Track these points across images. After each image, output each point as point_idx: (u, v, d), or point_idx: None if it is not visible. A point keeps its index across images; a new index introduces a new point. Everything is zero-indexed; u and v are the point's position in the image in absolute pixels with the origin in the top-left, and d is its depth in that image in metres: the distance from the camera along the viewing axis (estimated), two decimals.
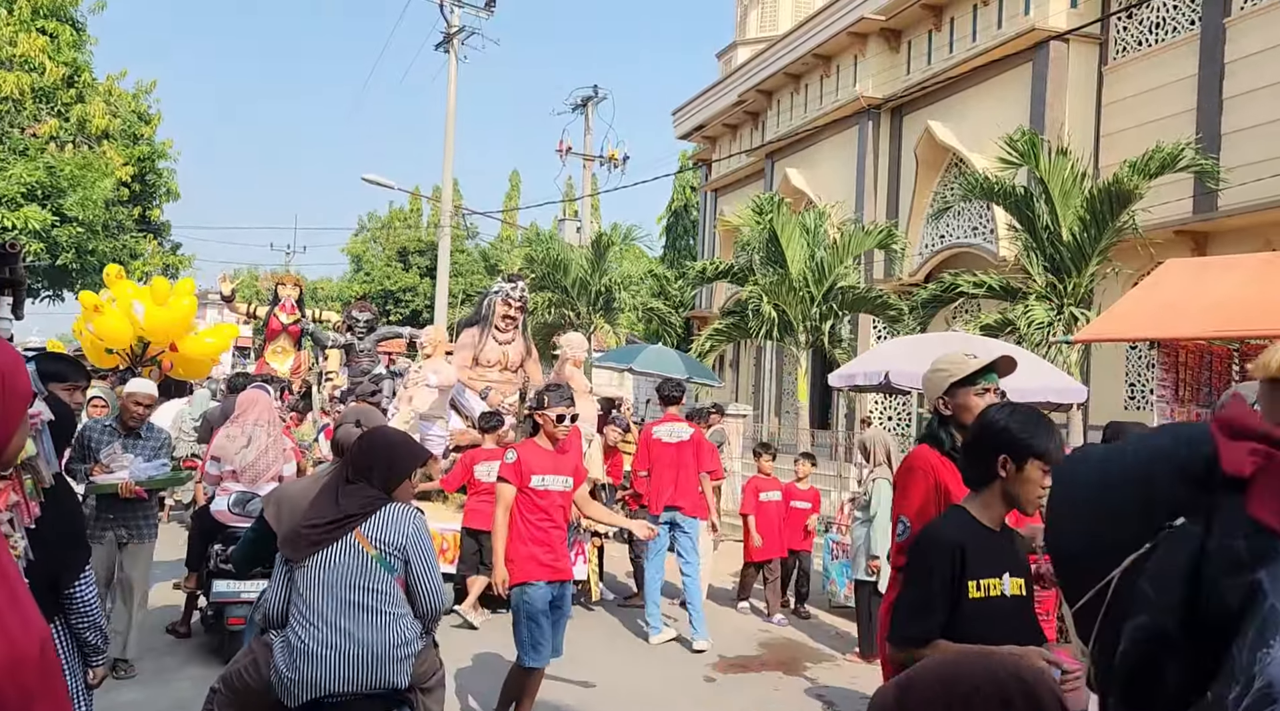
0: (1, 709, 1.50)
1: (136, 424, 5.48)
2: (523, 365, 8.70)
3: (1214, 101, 12.27)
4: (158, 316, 7.45)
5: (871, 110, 17.82)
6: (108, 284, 7.64)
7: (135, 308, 7.26)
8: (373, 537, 2.91)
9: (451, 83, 23.64)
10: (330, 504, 2.97)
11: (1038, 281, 10.97)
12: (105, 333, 7.22)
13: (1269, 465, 0.84)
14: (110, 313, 7.15)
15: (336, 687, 2.77)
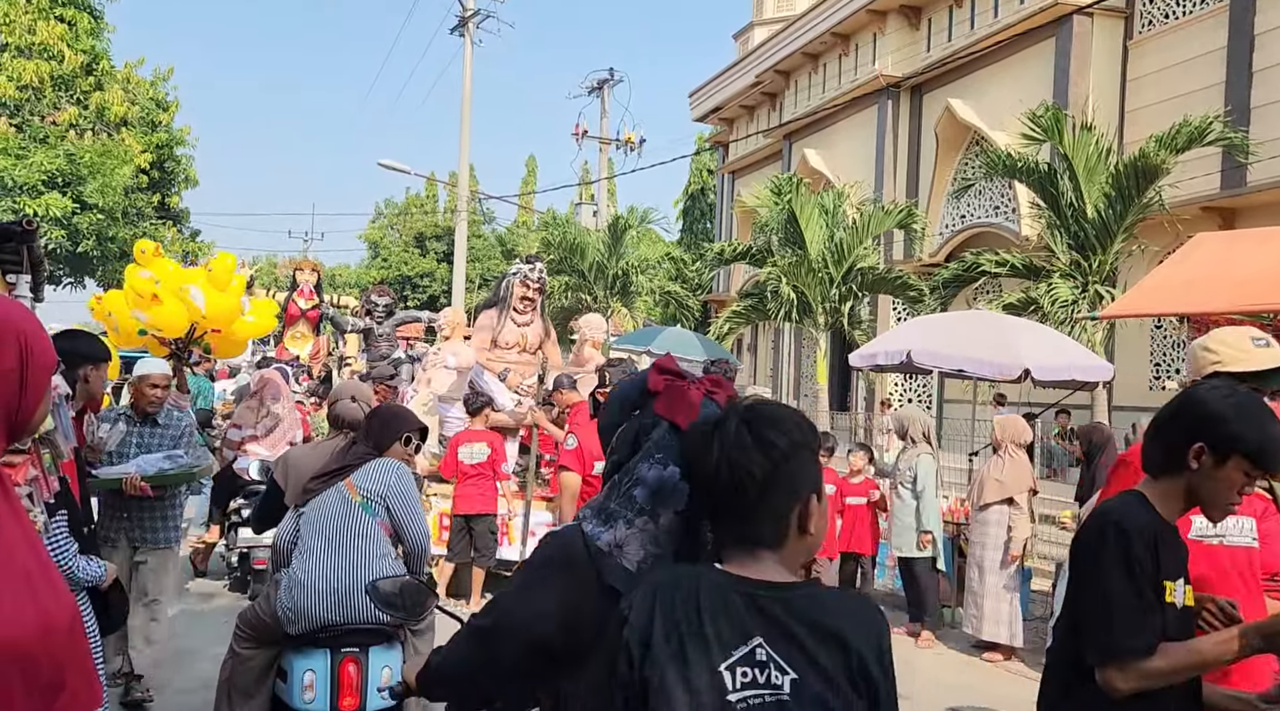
0: (35, 676, 1.51)
1: (155, 409, 4.70)
2: (541, 347, 8.66)
3: (1243, 74, 12.03)
4: (219, 303, 6.33)
5: (891, 89, 17.61)
6: (143, 262, 6.42)
7: (193, 294, 6.14)
8: (359, 485, 3.29)
9: (467, 67, 23.57)
10: (337, 459, 3.47)
11: (1061, 259, 10.82)
12: (163, 322, 6.07)
13: (668, 386, 1.72)
14: (168, 299, 6.04)
15: (327, 618, 3.09)
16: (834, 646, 1.34)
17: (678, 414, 1.66)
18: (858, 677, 1.34)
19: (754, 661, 1.32)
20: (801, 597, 1.38)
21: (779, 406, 1.52)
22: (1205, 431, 1.89)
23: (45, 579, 1.60)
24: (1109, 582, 1.88)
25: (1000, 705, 5.56)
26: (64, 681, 1.57)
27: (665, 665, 1.32)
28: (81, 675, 1.63)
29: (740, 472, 1.39)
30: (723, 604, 1.35)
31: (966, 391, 13.41)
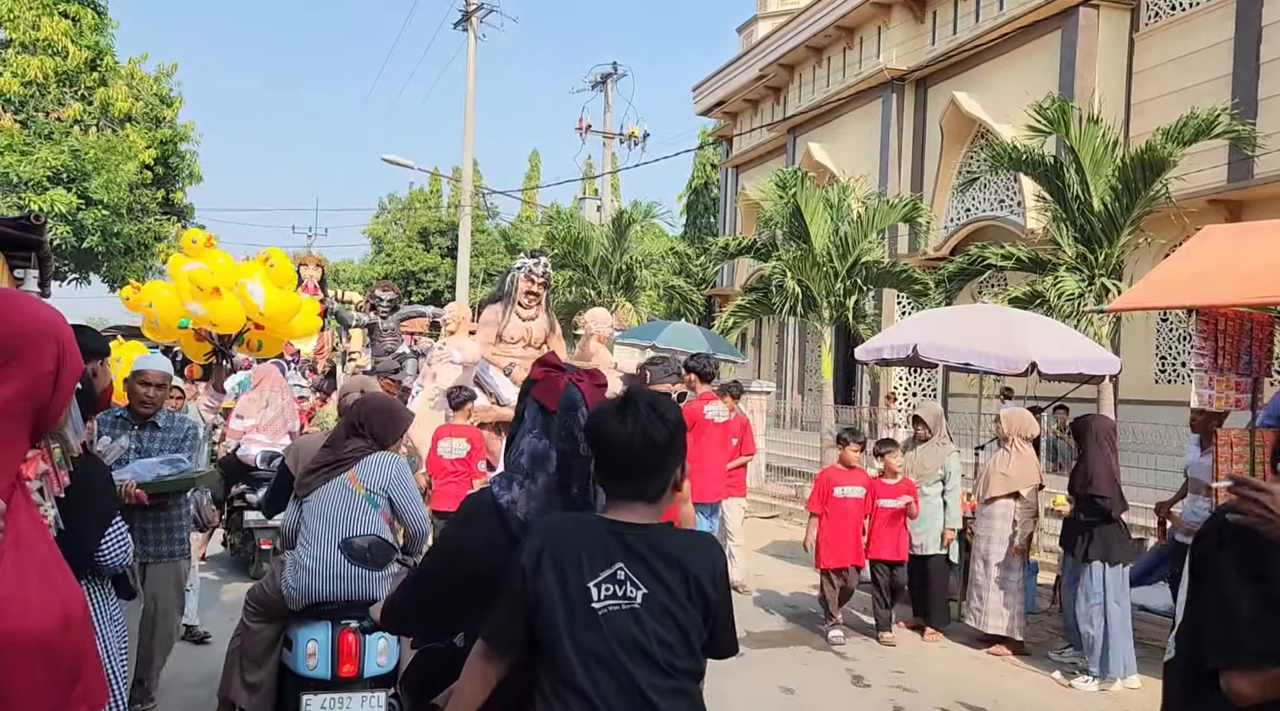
0: (57, 667, 1.53)
1: (149, 410, 4.25)
2: (546, 341, 8.65)
3: (1250, 66, 11.97)
4: (278, 301, 5.76)
5: (895, 82, 17.56)
6: (193, 253, 5.85)
7: (251, 290, 5.60)
8: (362, 479, 3.63)
9: (470, 61, 23.55)
10: (332, 452, 3.74)
11: (1068, 252, 10.78)
12: (219, 317, 5.56)
13: (544, 375, 2.08)
14: (229, 296, 5.54)
15: (327, 596, 3.54)
16: (676, 570, 1.85)
17: (547, 398, 2.14)
18: (694, 593, 1.86)
19: (615, 580, 1.84)
20: (657, 534, 1.90)
21: (664, 395, 2.09)
22: None
23: (60, 572, 1.62)
24: (1229, 584, 1.79)
25: (1005, 699, 5.56)
26: (80, 672, 1.59)
27: (549, 583, 1.83)
28: (94, 667, 1.65)
29: (650, 440, 1.88)
30: (596, 539, 1.87)
31: (972, 385, 13.38)
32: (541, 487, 2.11)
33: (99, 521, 3.07)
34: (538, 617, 1.84)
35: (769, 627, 7.00)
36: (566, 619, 1.82)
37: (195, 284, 5.49)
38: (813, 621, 7.15)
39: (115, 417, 4.27)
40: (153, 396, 4.24)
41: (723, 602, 1.93)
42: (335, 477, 3.60)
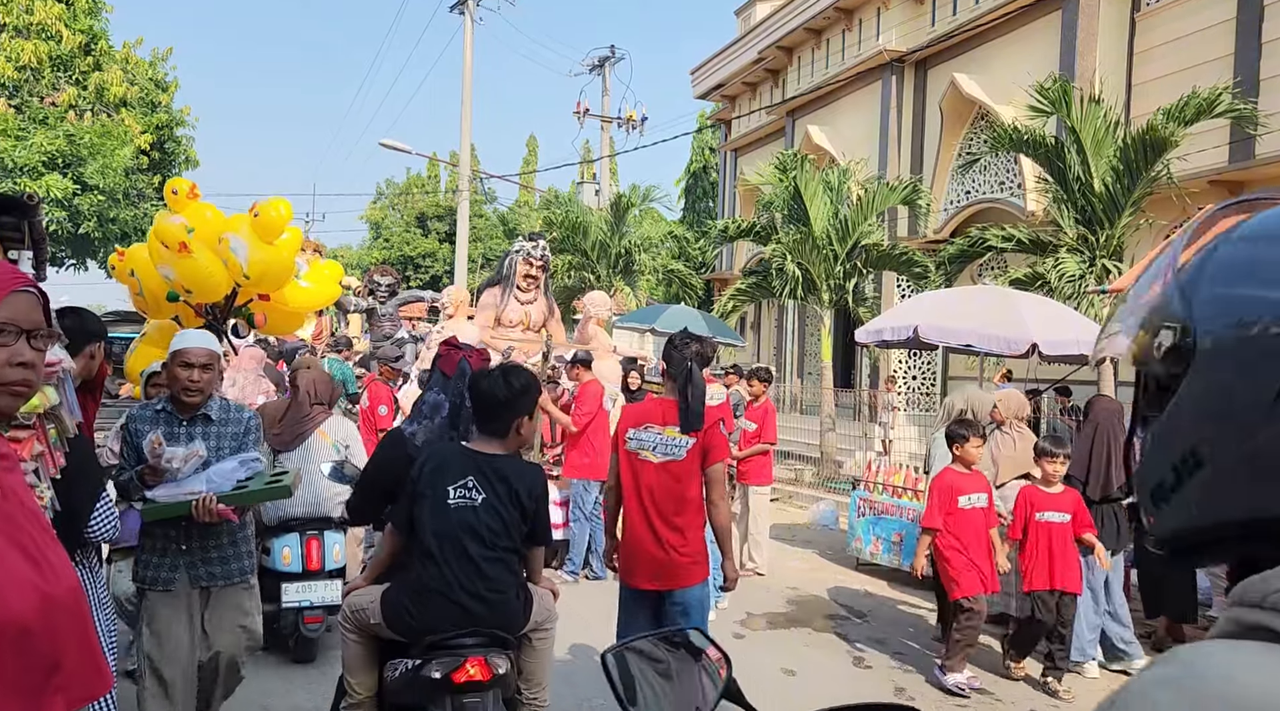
0: (30, 652, 1.49)
1: (197, 400, 3.47)
2: (545, 325, 8.63)
3: (1252, 45, 11.88)
4: (266, 259, 4.88)
5: (895, 64, 17.44)
6: (176, 206, 4.99)
7: (234, 245, 4.71)
8: (330, 433, 5.14)
9: (467, 45, 23.39)
10: (302, 415, 5.12)
11: (1068, 234, 10.74)
12: (194, 279, 4.63)
13: (446, 352, 3.31)
14: (202, 252, 4.62)
15: (298, 513, 5.05)
16: (504, 485, 2.89)
17: (447, 367, 3.33)
18: (515, 501, 2.90)
19: (465, 487, 2.88)
20: (499, 461, 2.94)
21: (522, 368, 3.13)
22: None
23: (45, 554, 1.57)
24: None
25: (1005, 684, 5.58)
26: (61, 659, 1.53)
27: (425, 486, 2.89)
28: (84, 654, 1.59)
29: (496, 397, 2.95)
30: (459, 460, 2.92)
31: (971, 369, 13.35)
32: (436, 426, 3.28)
33: (91, 497, 3.08)
34: (415, 508, 2.91)
35: (771, 609, 7.01)
36: (430, 510, 2.88)
37: (161, 239, 4.74)
38: (815, 605, 7.16)
39: (155, 412, 3.49)
40: (198, 381, 3.43)
41: (538, 510, 3.00)
42: (311, 433, 5.08)
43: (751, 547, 8.19)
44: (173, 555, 3.46)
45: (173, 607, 3.46)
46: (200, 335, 3.55)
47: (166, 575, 3.46)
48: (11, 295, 1.53)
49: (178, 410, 3.50)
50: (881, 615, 6.97)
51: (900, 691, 5.34)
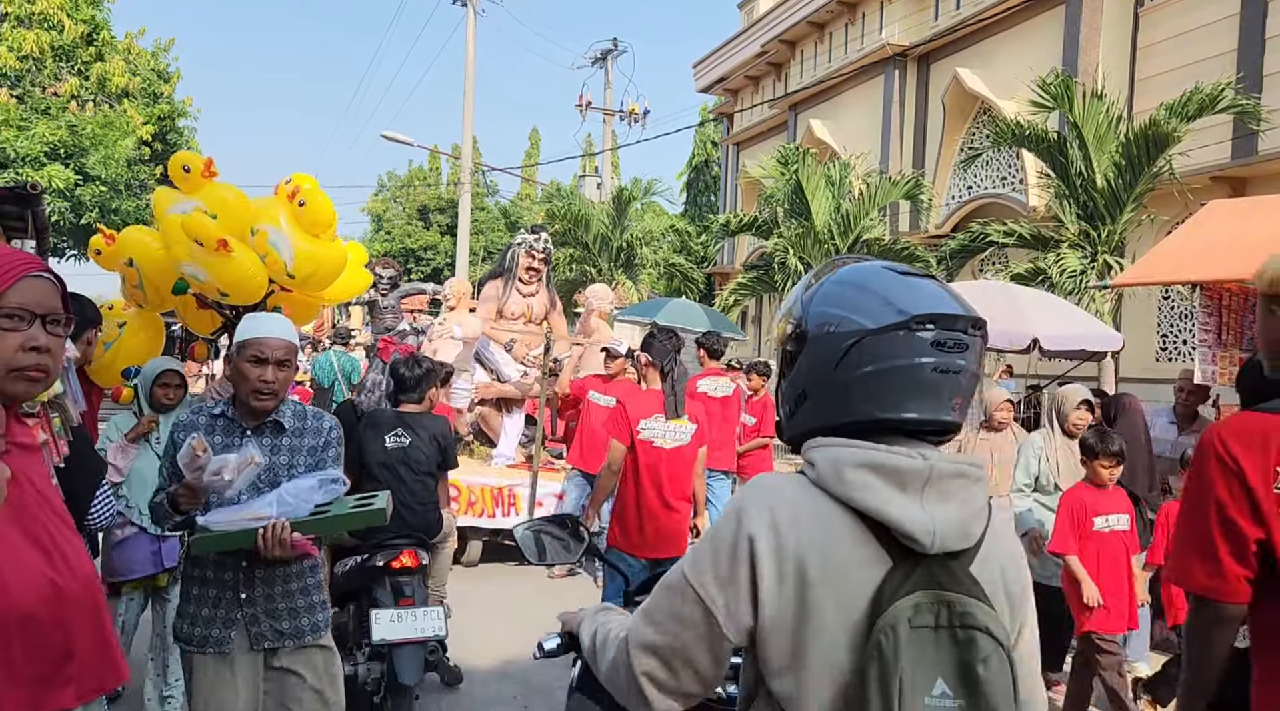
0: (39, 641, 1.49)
1: (270, 405, 2.65)
2: (547, 317, 8.63)
3: (1256, 41, 11.86)
4: (315, 257, 4.08)
5: (897, 58, 17.42)
6: (187, 187, 4.09)
7: (273, 239, 3.89)
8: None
9: (469, 37, 23.36)
10: None
11: (1070, 229, 10.74)
12: (233, 281, 3.89)
13: (385, 344, 5.80)
14: (242, 251, 3.88)
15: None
16: (425, 431, 4.38)
17: (384, 355, 5.25)
18: (432, 442, 4.38)
19: (398, 435, 4.32)
20: (419, 417, 4.46)
21: (423, 356, 4.74)
22: None
23: (58, 544, 1.56)
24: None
25: None
26: (73, 649, 1.53)
27: (368, 436, 4.31)
28: (97, 645, 1.58)
29: (415, 373, 4.48)
30: (391, 419, 4.40)
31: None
32: (377, 397, 5.04)
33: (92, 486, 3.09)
34: (362, 454, 4.22)
35: None
36: (375, 451, 4.27)
37: (192, 236, 3.70)
38: None
39: (212, 417, 2.69)
40: (273, 381, 2.60)
41: (445, 446, 4.45)
42: None
43: None
44: (227, 606, 2.59)
45: (226, 675, 2.58)
46: (277, 322, 2.71)
47: (219, 633, 2.58)
48: (24, 280, 1.52)
49: (242, 416, 2.68)
50: None
51: None
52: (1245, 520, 1.80)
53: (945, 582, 1.23)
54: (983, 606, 1.22)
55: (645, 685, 1.35)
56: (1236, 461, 1.82)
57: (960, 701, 1.19)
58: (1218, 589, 1.83)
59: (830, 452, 1.28)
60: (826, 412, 1.32)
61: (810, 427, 1.34)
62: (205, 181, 4.08)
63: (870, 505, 1.23)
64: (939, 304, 1.31)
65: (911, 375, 1.28)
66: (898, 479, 1.25)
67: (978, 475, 1.31)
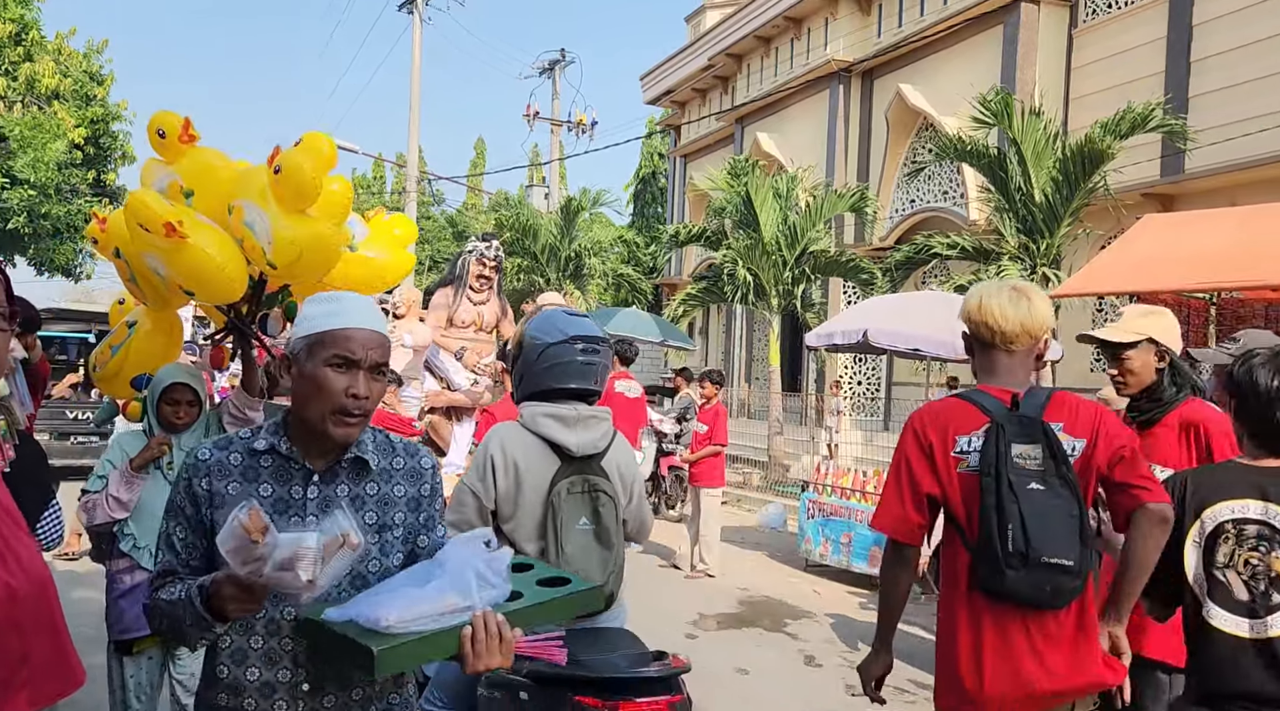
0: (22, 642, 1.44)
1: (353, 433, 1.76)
2: (498, 326, 8.56)
3: (1182, 64, 12.34)
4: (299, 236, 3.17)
5: (842, 74, 17.73)
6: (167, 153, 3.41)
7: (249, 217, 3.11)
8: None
9: (416, 45, 23.19)
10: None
11: (1010, 242, 11.03)
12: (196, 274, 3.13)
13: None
14: (202, 234, 3.08)
15: None
16: None
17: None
18: None
19: None
20: None
21: None
22: None
23: (10, 545, 1.52)
24: None
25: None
26: (28, 652, 1.48)
27: None
28: (53, 650, 1.53)
29: None
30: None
31: (917, 374, 13.61)
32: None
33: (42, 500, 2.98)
34: None
35: (723, 610, 7.06)
36: None
37: (136, 220, 3.00)
38: (765, 605, 7.23)
39: (253, 454, 1.79)
40: (365, 398, 1.74)
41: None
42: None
43: (703, 549, 8.23)
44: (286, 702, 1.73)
45: None
46: (364, 307, 1.82)
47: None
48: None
49: (305, 453, 1.78)
50: (831, 615, 7.06)
51: (850, 689, 5.42)
52: (926, 479, 2.35)
53: (585, 470, 2.70)
54: (605, 481, 2.71)
55: None
56: (926, 434, 2.37)
57: (593, 526, 2.67)
58: (900, 531, 2.38)
59: (530, 408, 2.72)
60: (531, 387, 2.75)
61: (523, 395, 2.78)
62: (184, 147, 3.35)
63: (547, 434, 2.67)
64: (585, 329, 2.71)
65: (570, 366, 2.70)
66: (562, 420, 2.69)
67: (604, 417, 2.77)
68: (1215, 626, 2.23)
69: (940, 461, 2.35)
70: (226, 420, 3.49)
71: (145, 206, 3.00)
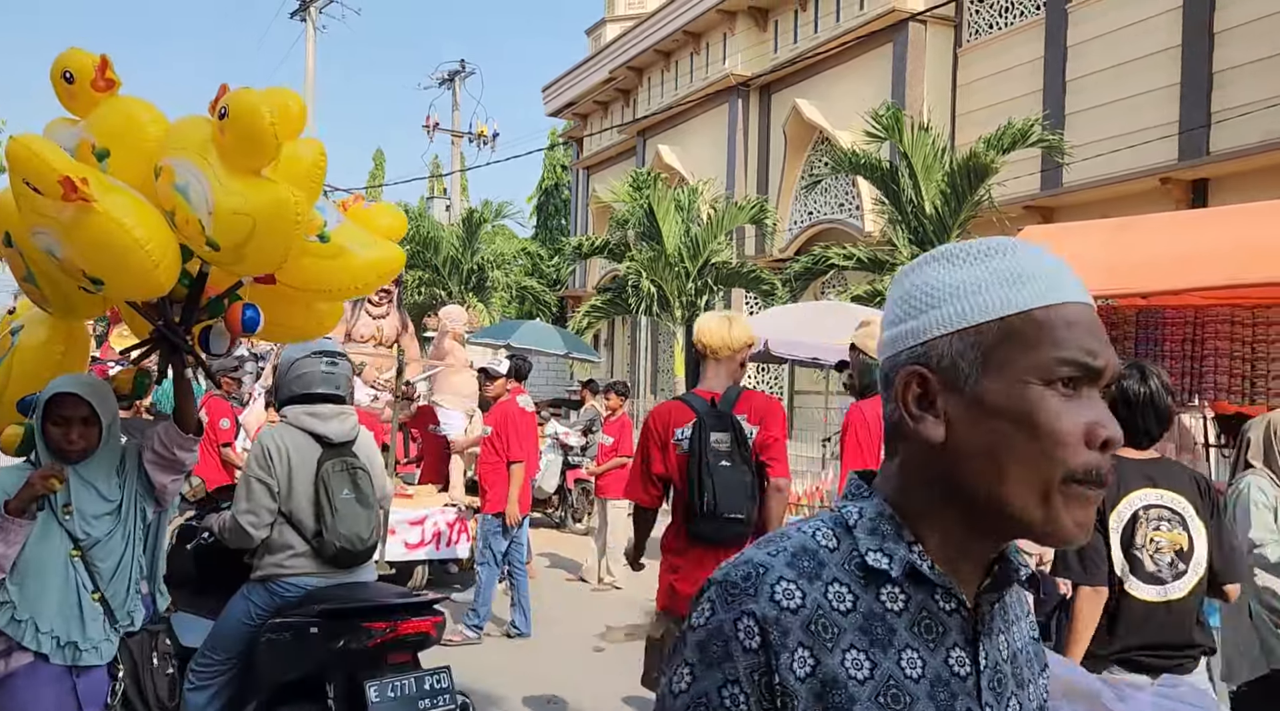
0: None
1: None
2: (398, 340, 8.40)
3: (1058, 83, 13.01)
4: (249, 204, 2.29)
5: (741, 88, 18.07)
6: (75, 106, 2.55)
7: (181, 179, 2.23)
8: None
9: (309, 54, 22.61)
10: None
11: (903, 253, 11.39)
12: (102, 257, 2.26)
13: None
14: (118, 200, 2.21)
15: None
16: None
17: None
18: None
19: None
20: None
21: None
22: None
23: None
24: None
25: None
26: None
27: None
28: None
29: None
30: None
31: (818, 383, 13.91)
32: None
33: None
34: None
35: (630, 621, 7.04)
36: None
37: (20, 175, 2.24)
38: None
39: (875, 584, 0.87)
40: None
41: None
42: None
43: (609, 561, 8.21)
44: None
45: None
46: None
47: None
48: None
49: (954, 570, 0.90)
50: None
51: None
52: (657, 463, 3.35)
53: (343, 454, 3.54)
54: (358, 460, 3.58)
55: (246, 526, 3.40)
56: (656, 429, 3.36)
57: (355, 494, 3.49)
58: (642, 498, 3.47)
59: (293, 410, 3.56)
60: (286, 394, 3.60)
61: (281, 402, 3.63)
62: (99, 96, 2.49)
63: (310, 428, 3.51)
64: (326, 346, 3.55)
65: (319, 375, 3.52)
66: (320, 416, 3.53)
67: (350, 412, 3.66)
68: (1134, 594, 2.65)
69: (667, 448, 3.32)
70: (148, 460, 2.81)
71: (33, 156, 2.20)
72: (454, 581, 7.87)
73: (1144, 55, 12.04)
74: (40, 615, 2.55)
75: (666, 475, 3.33)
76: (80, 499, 2.69)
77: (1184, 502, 2.72)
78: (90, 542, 2.68)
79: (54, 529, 2.63)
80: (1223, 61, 11.34)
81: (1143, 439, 2.76)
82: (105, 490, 2.74)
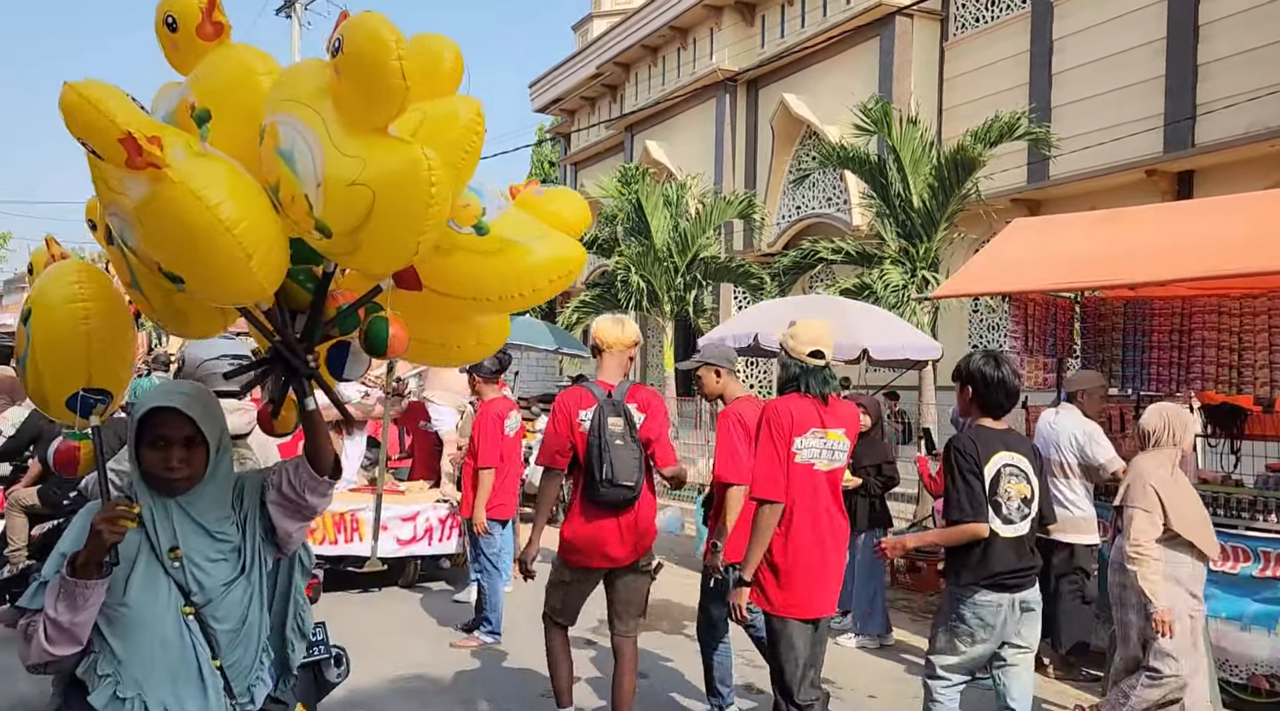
0: None
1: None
2: None
3: (1044, 77, 13.07)
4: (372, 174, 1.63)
5: (728, 83, 18.07)
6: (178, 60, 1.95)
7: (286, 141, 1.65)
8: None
9: (295, 52, 22.47)
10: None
11: (891, 247, 11.42)
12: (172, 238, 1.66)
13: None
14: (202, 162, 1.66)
15: None
16: None
17: None
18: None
19: None
20: None
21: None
22: None
23: None
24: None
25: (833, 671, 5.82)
26: None
27: None
28: None
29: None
30: None
31: None
32: None
33: None
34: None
35: None
36: None
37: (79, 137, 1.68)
38: (664, 608, 7.25)
39: None
40: None
41: None
42: None
43: None
44: None
45: None
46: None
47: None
48: None
49: None
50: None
51: (750, 688, 5.48)
52: (565, 437, 4.06)
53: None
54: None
55: None
56: (565, 411, 4.07)
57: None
58: (553, 463, 4.17)
59: None
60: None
61: None
62: (207, 44, 1.95)
63: None
64: (232, 348, 3.28)
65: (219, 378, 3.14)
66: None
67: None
68: (996, 532, 3.46)
69: (573, 426, 4.04)
70: (272, 502, 2.17)
71: (88, 108, 1.62)
72: (446, 577, 7.86)
73: (1129, 48, 12.10)
74: (149, 690, 1.99)
75: (572, 447, 4.06)
76: (189, 542, 2.06)
77: (1026, 462, 3.57)
78: (205, 597, 2.05)
79: (160, 579, 2.02)
80: (1207, 54, 11.41)
81: (998, 411, 3.61)
82: (217, 530, 2.09)
